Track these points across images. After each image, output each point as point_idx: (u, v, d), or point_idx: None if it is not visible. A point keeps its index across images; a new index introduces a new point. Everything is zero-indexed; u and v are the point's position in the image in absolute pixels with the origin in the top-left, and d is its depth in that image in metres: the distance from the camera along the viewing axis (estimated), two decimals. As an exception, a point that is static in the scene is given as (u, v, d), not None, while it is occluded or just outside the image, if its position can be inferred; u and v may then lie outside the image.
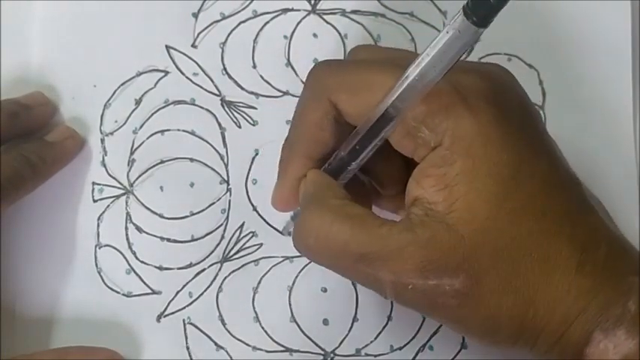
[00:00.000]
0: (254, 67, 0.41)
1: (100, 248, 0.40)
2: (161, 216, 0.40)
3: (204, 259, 0.39)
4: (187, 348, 0.39)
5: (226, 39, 0.41)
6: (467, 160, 0.29)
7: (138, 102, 0.41)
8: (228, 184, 0.40)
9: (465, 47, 0.27)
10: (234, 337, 0.39)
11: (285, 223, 0.39)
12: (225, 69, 0.41)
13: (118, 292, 0.39)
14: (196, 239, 0.39)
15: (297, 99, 0.40)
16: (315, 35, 0.41)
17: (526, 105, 0.32)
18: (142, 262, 0.39)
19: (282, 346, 0.38)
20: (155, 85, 0.41)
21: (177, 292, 0.39)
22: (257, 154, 0.40)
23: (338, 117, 0.32)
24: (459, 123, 0.29)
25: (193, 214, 0.40)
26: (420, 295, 0.29)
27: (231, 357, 0.38)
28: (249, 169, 0.40)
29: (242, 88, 0.40)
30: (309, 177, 0.33)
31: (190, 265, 0.39)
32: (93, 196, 0.40)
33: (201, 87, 0.41)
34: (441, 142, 0.29)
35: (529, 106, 0.32)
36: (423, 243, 0.28)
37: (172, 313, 0.39)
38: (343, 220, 0.30)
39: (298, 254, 0.38)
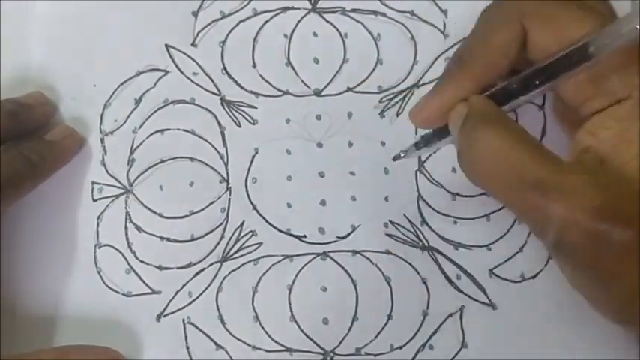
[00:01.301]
0: (254, 66, 0.41)
1: (99, 248, 0.40)
2: (161, 215, 0.40)
3: (204, 259, 0.39)
4: (187, 347, 0.39)
5: (226, 38, 0.41)
6: None
7: (138, 101, 0.41)
8: (228, 183, 0.40)
9: None
10: (233, 336, 0.38)
11: (405, 149, 0.36)
12: (224, 68, 0.41)
13: (117, 292, 0.39)
14: (196, 239, 0.39)
15: (299, 98, 0.40)
16: (315, 34, 0.41)
17: None
18: (142, 261, 0.39)
19: (282, 345, 0.38)
20: (155, 84, 0.41)
21: (177, 292, 0.39)
22: (257, 153, 0.40)
23: (522, 47, 0.31)
24: None
25: (193, 214, 0.40)
26: (584, 238, 0.27)
27: (230, 356, 0.38)
28: (249, 168, 0.40)
29: (242, 88, 0.40)
30: (476, 102, 0.31)
31: (190, 265, 0.39)
32: (92, 196, 0.40)
33: (200, 86, 0.40)
34: (629, 95, 0.28)
35: None
36: (603, 186, 0.27)
37: (172, 312, 0.39)
38: (525, 145, 0.29)
39: (298, 253, 0.39)
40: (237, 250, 0.39)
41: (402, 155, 0.36)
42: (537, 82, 0.30)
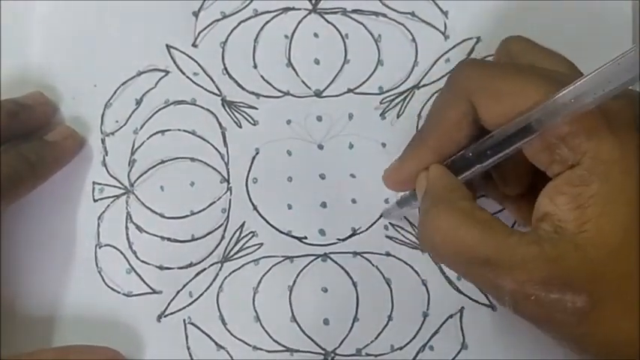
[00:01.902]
0: (255, 66, 0.40)
1: (100, 248, 0.40)
2: (161, 215, 0.40)
3: (205, 259, 0.39)
4: (188, 348, 0.39)
5: (227, 38, 0.41)
6: (604, 184, 0.28)
7: (138, 102, 0.40)
8: (229, 184, 0.40)
9: (632, 82, 0.26)
10: (234, 336, 0.39)
11: (388, 207, 0.38)
12: (225, 69, 0.41)
13: (118, 292, 0.39)
14: (197, 239, 0.39)
15: (299, 99, 0.40)
16: (316, 35, 0.41)
17: None
18: (143, 261, 0.39)
19: (283, 345, 0.38)
20: (156, 84, 0.41)
21: (178, 292, 0.39)
22: (257, 153, 0.40)
23: (476, 119, 0.32)
24: (601, 146, 0.28)
25: (194, 214, 0.40)
26: (539, 308, 0.29)
27: (231, 357, 0.38)
28: (250, 169, 0.40)
29: (243, 88, 0.40)
30: (434, 173, 0.33)
31: (191, 265, 0.39)
32: (93, 196, 0.40)
33: (201, 87, 0.40)
34: (579, 161, 0.29)
35: None
36: (550, 258, 0.28)
37: (173, 312, 0.39)
38: (473, 224, 0.30)
39: (299, 254, 0.39)
40: (238, 251, 0.39)
41: (383, 216, 0.39)
42: (488, 153, 0.31)
